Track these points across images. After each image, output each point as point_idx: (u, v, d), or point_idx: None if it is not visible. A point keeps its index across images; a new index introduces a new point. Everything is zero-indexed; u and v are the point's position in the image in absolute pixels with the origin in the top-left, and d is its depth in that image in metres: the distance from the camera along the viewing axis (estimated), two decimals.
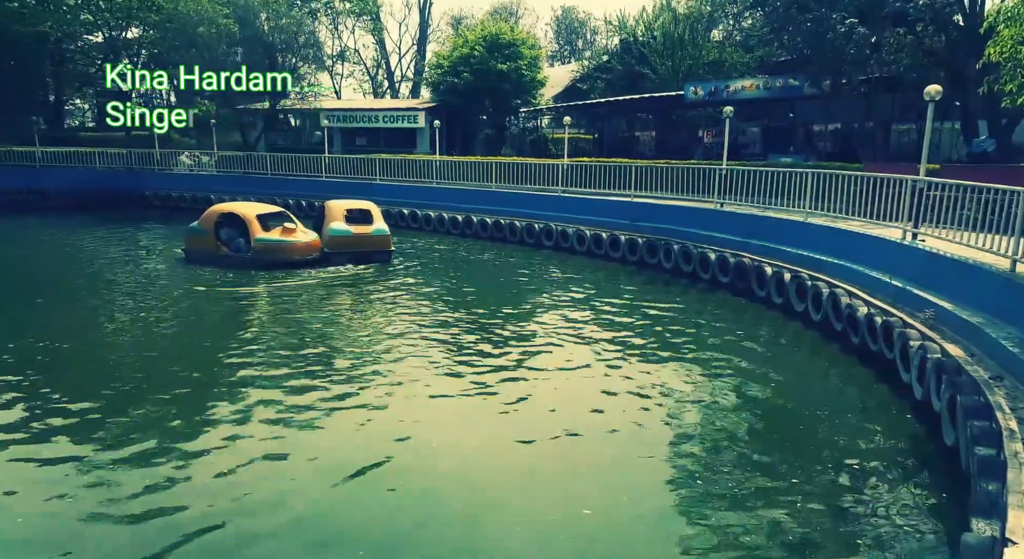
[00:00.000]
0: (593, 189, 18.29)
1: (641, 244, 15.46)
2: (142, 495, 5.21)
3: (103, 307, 11.46)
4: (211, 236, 14.47)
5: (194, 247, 14.83)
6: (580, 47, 59.13)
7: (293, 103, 30.47)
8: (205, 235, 14.54)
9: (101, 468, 5.62)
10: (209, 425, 6.56)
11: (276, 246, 14.22)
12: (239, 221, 14.59)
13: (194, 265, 14.37)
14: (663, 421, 6.87)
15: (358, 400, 7.25)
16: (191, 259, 14.78)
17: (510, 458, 6.13)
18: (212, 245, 14.49)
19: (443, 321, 10.58)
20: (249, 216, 14.47)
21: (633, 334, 10.02)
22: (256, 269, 13.77)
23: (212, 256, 14.47)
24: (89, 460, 5.76)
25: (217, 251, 14.48)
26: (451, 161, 22.87)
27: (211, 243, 14.49)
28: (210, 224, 14.56)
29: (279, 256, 14.18)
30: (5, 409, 6.80)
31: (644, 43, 29.92)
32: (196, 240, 14.78)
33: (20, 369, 7.97)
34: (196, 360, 8.64)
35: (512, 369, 8.35)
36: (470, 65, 28.71)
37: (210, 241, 14.49)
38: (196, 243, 14.78)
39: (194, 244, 14.83)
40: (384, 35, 52.21)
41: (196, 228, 14.79)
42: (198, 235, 14.71)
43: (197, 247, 14.75)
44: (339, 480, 5.55)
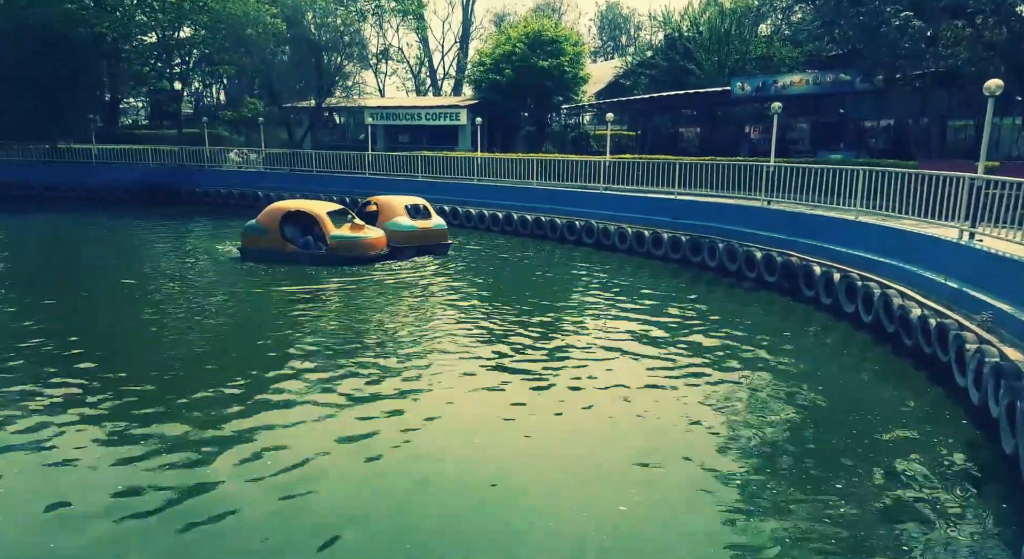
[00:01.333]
0: (635, 186, 18.12)
1: (684, 242, 15.26)
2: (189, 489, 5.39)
3: (163, 301, 11.80)
4: (276, 234, 14.43)
5: (254, 245, 14.67)
6: (623, 43, 58.56)
7: (338, 101, 30.99)
8: (267, 233, 14.47)
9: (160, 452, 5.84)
10: (257, 416, 6.71)
11: (352, 242, 14.40)
12: (306, 219, 14.75)
13: (251, 262, 14.40)
14: (705, 423, 6.77)
15: (401, 392, 7.34)
16: (249, 257, 14.68)
17: (548, 453, 6.13)
18: (277, 243, 14.45)
19: (484, 318, 10.62)
20: (321, 214, 14.59)
21: (675, 333, 9.89)
22: (330, 266, 13.92)
23: (277, 254, 14.38)
24: (149, 445, 5.98)
25: (283, 249, 14.45)
26: (492, 158, 22.93)
27: (276, 241, 14.44)
28: (274, 222, 14.50)
29: (354, 252, 14.37)
30: (65, 399, 7.08)
31: (689, 38, 29.48)
32: (257, 238, 14.64)
33: (81, 359, 8.28)
34: (255, 354, 8.86)
35: (553, 366, 8.34)
36: (512, 62, 28.73)
37: (274, 239, 14.44)
38: (257, 241, 14.64)
39: (255, 242, 14.68)
40: (428, 33, 52.63)
41: (257, 226, 14.69)
42: (259, 233, 14.60)
43: (258, 245, 14.61)
44: (374, 471, 5.65)
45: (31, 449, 5.88)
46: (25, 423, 6.38)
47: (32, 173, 28.81)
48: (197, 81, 42.73)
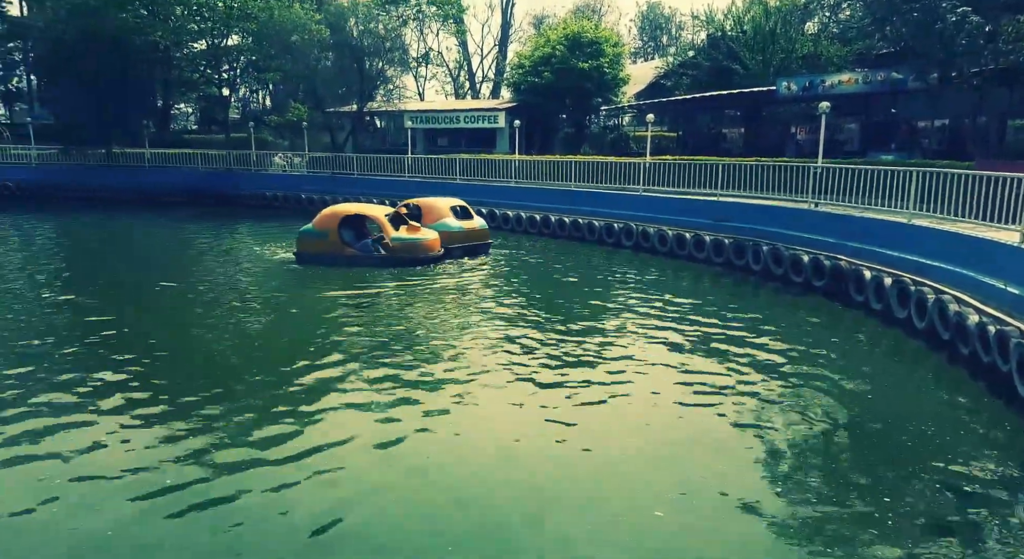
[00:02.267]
0: (676, 188, 17.84)
1: (727, 245, 14.93)
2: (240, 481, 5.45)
3: (211, 303, 12.09)
4: (335, 238, 14.37)
5: (312, 249, 14.53)
6: (664, 43, 57.92)
7: (379, 105, 31.36)
8: (326, 237, 14.37)
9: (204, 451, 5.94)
10: (307, 415, 6.78)
11: (412, 244, 14.52)
12: (360, 222, 14.87)
13: (309, 266, 14.31)
14: (748, 429, 6.57)
15: (440, 395, 7.33)
16: (305, 261, 14.52)
17: (583, 457, 6.03)
18: (335, 247, 14.36)
19: (521, 321, 10.56)
20: (380, 217, 14.70)
21: (718, 338, 9.66)
22: (388, 268, 14.01)
23: (335, 257, 14.29)
24: (193, 442, 6.10)
25: (342, 252, 14.38)
26: (530, 160, 22.89)
27: (334, 245, 14.36)
28: (333, 226, 14.43)
29: (414, 254, 14.49)
30: (111, 394, 7.27)
31: (733, 38, 28.93)
32: (314, 243, 14.51)
33: (132, 356, 8.51)
34: (307, 354, 8.98)
35: (591, 369, 8.23)
36: (551, 64, 28.64)
37: (332, 243, 14.36)
38: (314, 245, 14.50)
39: (312, 247, 14.54)
40: (467, 37, 52.93)
41: (313, 230, 14.56)
42: (316, 237, 14.49)
43: (316, 249, 14.47)
44: (412, 474, 5.64)
45: (73, 443, 6.04)
46: (70, 417, 6.56)
47: (89, 176, 29.96)
48: (244, 87, 43.82)
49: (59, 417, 6.57)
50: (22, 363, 8.10)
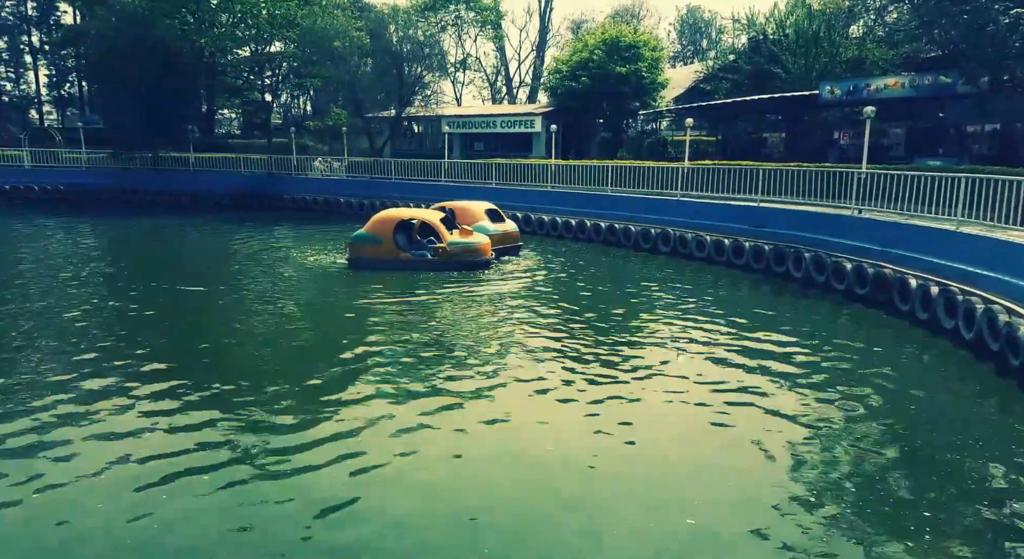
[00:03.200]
0: (715, 193, 17.62)
1: (767, 251, 14.69)
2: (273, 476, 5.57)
3: (260, 305, 12.37)
4: (390, 243, 14.36)
5: (366, 255, 14.51)
6: (704, 47, 57.35)
7: (417, 110, 31.74)
8: (380, 242, 14.37)
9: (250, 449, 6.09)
10: (355, 417, 6.89)
11: (468, 248, 14.63)
12: (409, 227, 14.96)
13: (362, 271, 14.29)
14: (786, 440, 6.45)
15: (476, 400, 7.37)
16: (359, 266, 14.48)
17: (616, 462, 6.01)
18: (391, 252, 14.37)
19: (557, 327, 10.55)
20: (436, 221, 14.80)
21: (757, 346, 9.50)
22: (447, 271, 14.14)
23: (390, 262, 14.33)
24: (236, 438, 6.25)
25: (396, 257, 14.39)
26: (566, 165, 22.87)
27: (389, 250, 14.37)
28: (388, 231, 14.43)
29: (470, 258, 14.59)
30: (159, 396, 7.50)
31: (775, 41, 28.51)
32: (369, 248, 14.48)
33: (181, 358, 8.76)
34: (353, 357, 9.13)
35: (625, 375, 8.18)
36: (588, 69, 28.62)
37: (388, 248, 14.35)
38: (369, 251, 14.49)
39: (366, 252, 14.52)
40: (504, 42, 53.24)
41: (367, 236, 14.54)
42: (370, 243, 14.46)
43: (370, 254, 14.45)
44: (456, 483, 5.67)
45: (112, 438, 6.24)
46: (106, 412, 6.79)
47: (137, 180, 30.94)
48: (286, 93, 44.84)
49: (101, 403, 6.80)
50: (70, 358, 8.42)
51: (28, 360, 8.39)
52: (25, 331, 9.70)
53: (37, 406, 6.89)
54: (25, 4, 47.44)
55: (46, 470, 5.57)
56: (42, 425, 6.45)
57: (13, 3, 47.45)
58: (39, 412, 6.74)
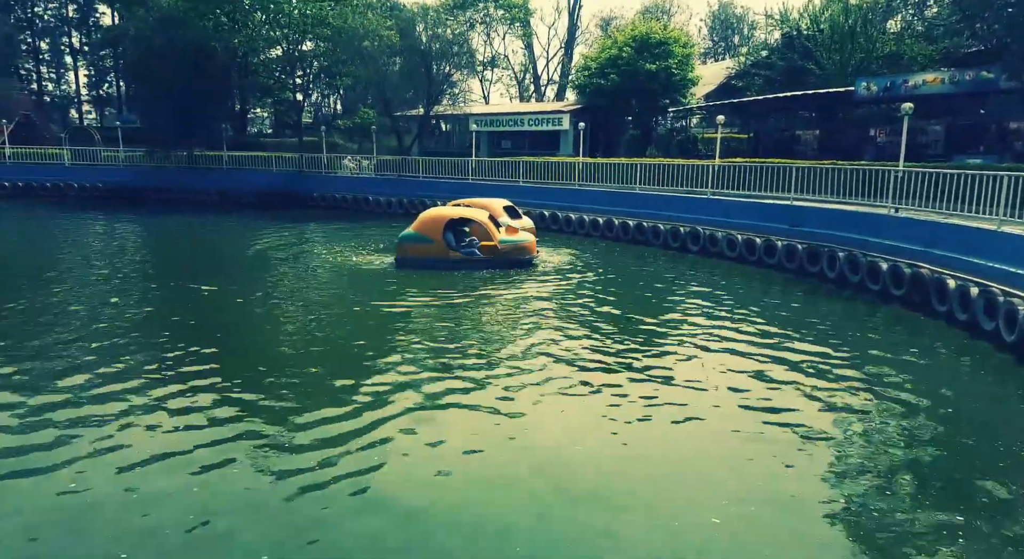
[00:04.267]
0: (746, 191, 17.35)
1: (800, 251, 14.41)
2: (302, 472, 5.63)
3: (292, 309, 12.54)
4: (440, 242, 14.35)
5: (415, 254, 14.44)
6: (736, 43, 56.54)
7: (445, 109, 31.85)
8: (430, 241, 14.34)
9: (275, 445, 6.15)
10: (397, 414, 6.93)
11: (517, 246, 14.70)
12: (463, 225, 15.09)
13: (410, 270, 14.23)
14: (818, 443, 6.29)
15: (501, 402, 7.34)
16: (407, 266, 14.41)
17: (645, 462, 5.95)
18: (441, 251, 14.35)
19: (584, 325, 10.48)
20: (485, 220, 14.86)
21: (788, 346, 9.31)
22: (497, 269, 14.19)
23: (440, 262, 14.30)
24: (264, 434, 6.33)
25: (446, 256, 14.37)
26: (594, 163, 22.74)
27: (440, 249, 14.35)
28: (438, 230, 14.40)
29: (520, 256, 14.68)
30: (193, 392, 7.62)
31: (809, 36, 27.98)
32: (418, 247, 14.43)
33: (215, 348, 8.90)
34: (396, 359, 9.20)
35: (654, 375, 8.08)
36: (617, 66, 28.40)
37: (438, 247, 14.34)
38: (419, 250, 14.44)
39: (416, 251, 14.46)
40: (533, 40, 53.13)
41: (416, 235, 14.47)
42: (421, 242, 14.41)
43: (420, 254, 14.41)
44: (477, 480, 5.66)
45: (147, 420, 6.36)
46: (140, 405, 6.92)
47: (172, 178, 31.58)
48: (316, 92, 45.33)
49: (132, 398, 6.93)
50: (107, 350, 8.61)
51: (70, 351, 8.60)
52: (69, 322, 9.96)
53: (85, 396, 7.06)
54: (66, 6, 48.82)
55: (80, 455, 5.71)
56: (75, 410, 6.61)
57: (55, 5, 48.85)
58: (82, 399, 6.91)
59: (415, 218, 15.20)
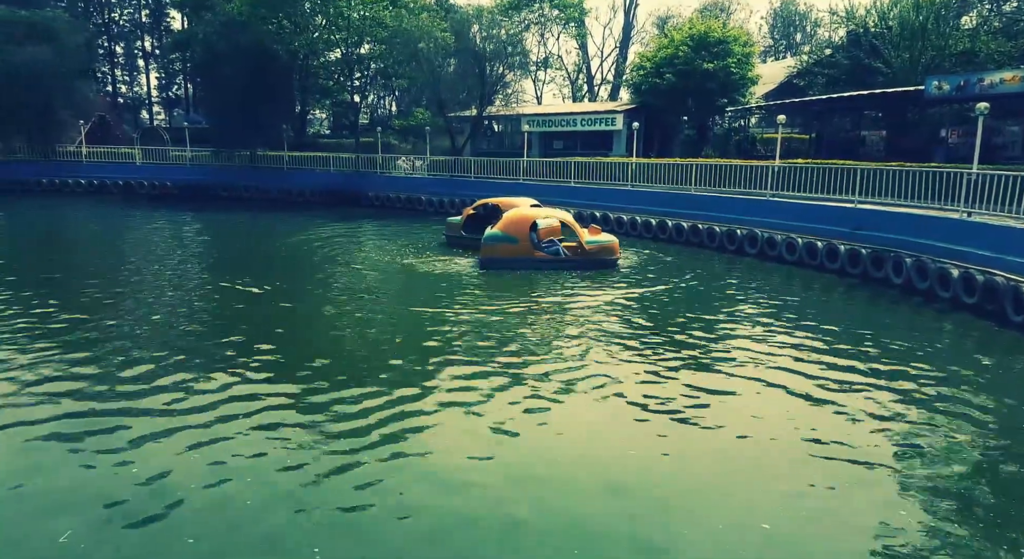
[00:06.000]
0: (808, 193, 16.81)
1: (864, 255, 13.87)
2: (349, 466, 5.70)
3: (354, 299, 12.78)
4: (526, 242, 14.40)
5: (500, 254, 14.43)
6: (798, 41, 54.92)
7: (498, 109, 31.94)
8: (516, 242, 14.38)
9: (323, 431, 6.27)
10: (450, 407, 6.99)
11: (603, 247, 14.77)
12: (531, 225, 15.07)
13: (494, 270, 14.26)
14: (879, 456, 6.02)
15: (546, 403, 7.29)
16: (492, 266, 14.39)
17: (693, 465, 5.84)
18: (526, 251, 14.40)
19: (635, 327, 10.33)
20: (571, 220, 14.95)
21: (850, 354, 8.95)
22: (578, 270, 14.26)
23: (525, 262, 14.31)
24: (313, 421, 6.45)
25: (532, 256, 14.42)
26: (648, 163, 22.42)
27: (526, 249, 14.40)
28: (524, 231, 14.47)
29: (606, 256, 14.74)
30: (250, 378, 7.84)
31: (877, 34, 26.91)
32: (504, 248, 14.43)
33: (269, 344, 9.15)
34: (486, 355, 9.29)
35: (707, 380, 7.89)
36: (674, 65, 27.92)
37: (524, 247, 14.39)
38: (504, 250, 14.43)
39: (501, 251, 14.44)
40: (587, 39, 52.79)
41: (502, 235, 14.46)
42: (507, 242, 14.42)
43: (505, 254, 14.41)
44: (521, 480, 5.63)
45: (203, 423, 6.55)
46: (198, 397, 7.14)
47: (236, 177, 32.64)
48: (373, 93, 46.18)
49: (204, 389, 7.17)
50: (174, 342, 8.95)
51: (138, 343, 8.97)
52: (132, 311, 10.40)
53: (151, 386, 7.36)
54: (140, 11, 51.14)
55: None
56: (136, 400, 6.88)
57: (130, 11, 51.25)
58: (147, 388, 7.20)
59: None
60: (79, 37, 34.72)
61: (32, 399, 6.96)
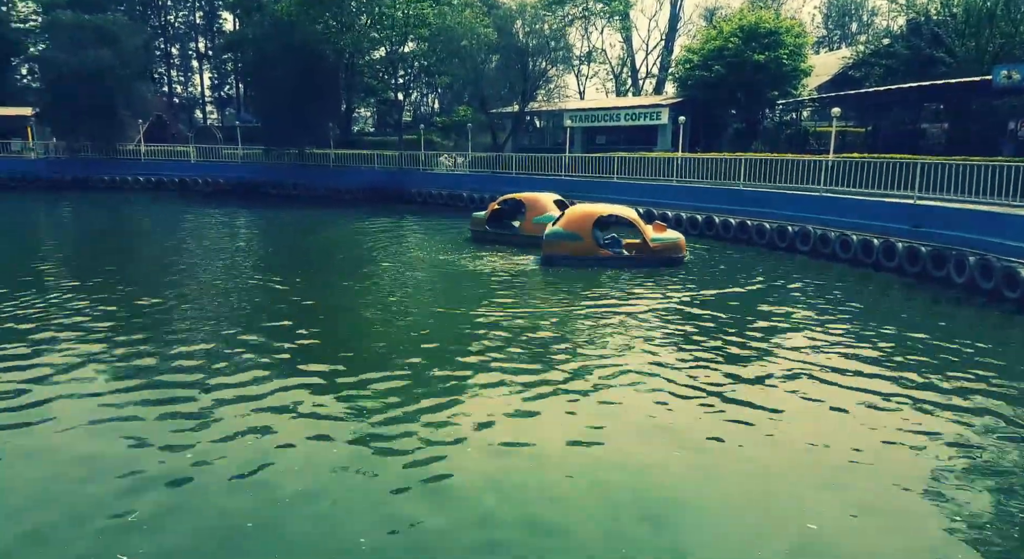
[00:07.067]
0: (864, 189, 16.10)
1: (924, 253, 13.17)
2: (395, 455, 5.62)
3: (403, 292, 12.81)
4: (590, 240, 14.21)
5: (563, 252, 14.26)
6: (853, 31, 52.97)
7: (540, 105, 31.71)
8: (580, 239, 14.17)
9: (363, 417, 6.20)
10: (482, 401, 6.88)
11: (669, 244, 14.42)
12: (607, 223, 14.97)
13: (555, 267, 14.06)
14: (938, 466, 5.62)
15: (592, 396, 7.10)
16: (554, 263, 14.24)
17: (740, 463, 5.61)
18: (590, 249, 14.20)
19: (680, 329, 10.00)
20: (635, 217, 14.59)
21: (908, 357, 8.45)
22: (649, 268, 13.97)
23: (588, 259, 14.11)
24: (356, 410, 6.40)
25: (596, 254, 14.21)
26: (694, 158, 21.87)
27: (589, 247, 14.19)
28: (588, 228, 14.23)
29: (673, 253, 14.41)
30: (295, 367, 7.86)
31: (939, 22, 25.64)
32: (567, 245, 14.25)
33: (316, 336, 9.18)
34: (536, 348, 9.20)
35: (748, 382, 7.54)
36: (723, 57, 27.17)
37: (588, 245, 14.18)
38: (567, 248, 14.24)
39: (564, 249, 14.26)
40: (632, 32, 51.99)
41: (565, 233, 14.29)
42: (569, 239, 14.24)
43: (568, 252, 14.22)
44: (563, 473, 5.47)
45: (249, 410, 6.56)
46: (246, 385, 7.16)
47: (285, 174, 33.28)
48: (416, 91, 46.46)
49: (258, 379, 7.20)
50: (228, 334, 9.07)
51: (193, 333, 9.12)
52: (187, 302, 10.61)
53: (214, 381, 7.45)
54: (194, 13, 52.65)
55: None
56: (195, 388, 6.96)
57: (184, 13, 52.82)
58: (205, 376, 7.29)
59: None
60: (138, 40, 35.89)
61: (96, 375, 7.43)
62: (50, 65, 33.21)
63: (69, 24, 33.34)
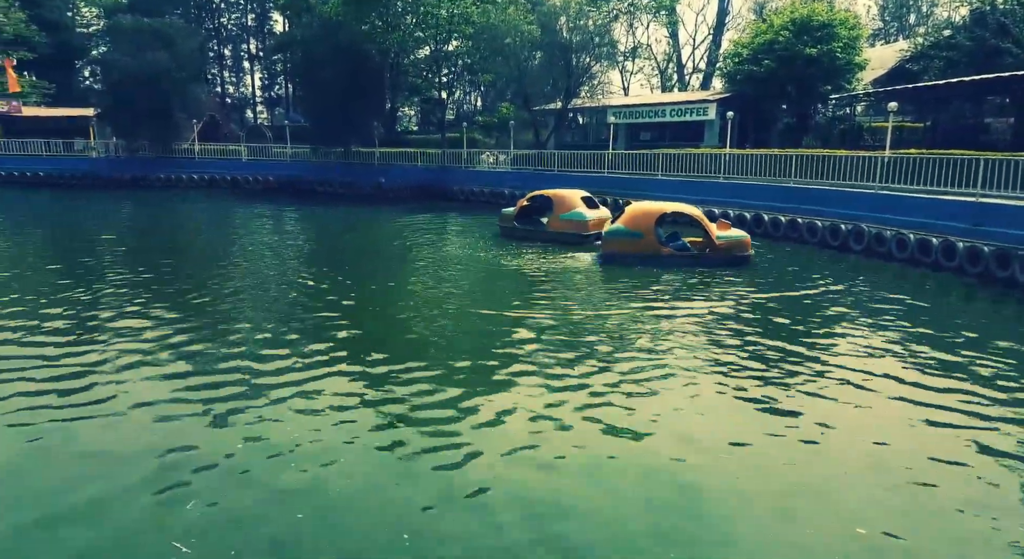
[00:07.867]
0: (921, 186, 15.47)
1: (987, 253, 12.58)
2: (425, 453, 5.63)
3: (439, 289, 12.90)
4: (651, 237, 14.03)
5: (624, 249, 14.13)
6: (911, 23, 51.02)
7: (583, 101, 31.47)
8: (640, 237, 14.00)
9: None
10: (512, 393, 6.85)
11: (735, 242, 14.15)
12: (670, 220, 14.86)
13: (616, 266, 13.95)
14: (997, 479, 5.33)
15: (634, 399, 6.98)
16: (614, 261, 14.15)
17: (793, 468, 5.42)
18: (652, 246, 14.04)
19: (724, 330, 9.77)
20: (700, 215, 14.40)
21: (969, 363, 8.07)
22: (715, 267, 13.72)
23: (649, 258, 13.96)
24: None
25: (658, 252, 14.05)
26: (742, 154, 21.38)
27: (651, 245, 14.03)
28: (649, 225, 14.06)
29: (739, 252, 14.14)
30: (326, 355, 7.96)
31: (1006, 11, 24.44)
32: (628, 242, 14.12)
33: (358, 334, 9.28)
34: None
35: (796, 386, 7.31)
36: (773, 51, 26.45)
37: (649, 243, 14.02)
38: (627, 245, 14.11)
39: (624, 246, 14.14)
40: (678, 27, 51.16)
41: (626, 230, 14.15)
42: (629, 237, 14.10)
43: (628, 249, 14.10)
44: (601, 475, 5.41)
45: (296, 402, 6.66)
46: (291, 378, 7.27)
47: (332, 173, 33.87)
48: (459, 89, 46.66)
49: (306, 371, 7.33)
50: (271, 328, 9.25)
51: (238, 329, 9.34)
52: (235, 295, 10.86)
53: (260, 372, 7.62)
54: (246, 15, 54.02)
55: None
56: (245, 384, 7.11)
57: (236, 15, 54.24)
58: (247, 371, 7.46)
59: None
60: (194, 42, 37.01)
61: (152, 359, 7.82)
62: (111, 67, 34.52)
63: (129, 28, 34.59)
